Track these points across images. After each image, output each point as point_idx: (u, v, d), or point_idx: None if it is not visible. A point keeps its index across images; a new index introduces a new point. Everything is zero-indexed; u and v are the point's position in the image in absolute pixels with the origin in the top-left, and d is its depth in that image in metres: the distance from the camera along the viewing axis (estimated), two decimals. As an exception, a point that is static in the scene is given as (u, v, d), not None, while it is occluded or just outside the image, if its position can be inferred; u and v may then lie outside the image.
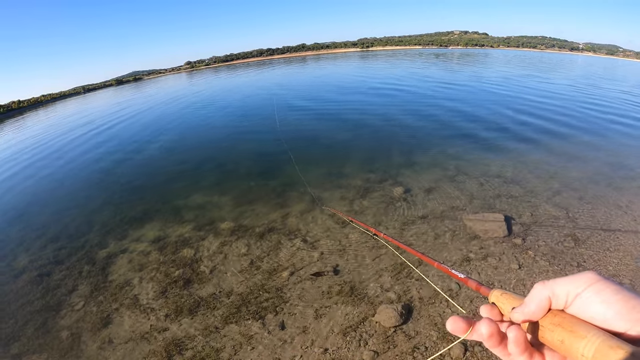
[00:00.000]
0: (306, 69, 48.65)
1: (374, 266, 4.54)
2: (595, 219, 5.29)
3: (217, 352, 3.57)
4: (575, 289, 0.40)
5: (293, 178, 7.53)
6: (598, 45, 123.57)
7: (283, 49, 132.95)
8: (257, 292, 4.33)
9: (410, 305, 3.84)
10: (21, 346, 4.05)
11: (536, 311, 0.42)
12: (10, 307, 4.76)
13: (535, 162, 7.76)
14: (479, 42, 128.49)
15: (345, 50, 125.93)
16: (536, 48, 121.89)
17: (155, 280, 4.85)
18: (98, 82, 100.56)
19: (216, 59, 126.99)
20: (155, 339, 3.86)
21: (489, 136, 9.82)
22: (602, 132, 10.12)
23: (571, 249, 4.60)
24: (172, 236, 5.95)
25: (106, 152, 12.56)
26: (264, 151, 10.20)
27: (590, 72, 35.80)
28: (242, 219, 6.20)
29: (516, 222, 5.28)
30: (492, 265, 4.36)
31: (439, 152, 8.64)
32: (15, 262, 5.87)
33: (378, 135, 10.65)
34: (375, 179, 7.25)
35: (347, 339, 3.51)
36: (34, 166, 12.26)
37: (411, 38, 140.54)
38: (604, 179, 6.68)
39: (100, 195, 8.36)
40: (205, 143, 11.96)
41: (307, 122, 13.05)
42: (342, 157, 8.92)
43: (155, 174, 9.48)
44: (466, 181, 6.83)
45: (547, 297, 0.42)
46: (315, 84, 26.40)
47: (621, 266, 4.23)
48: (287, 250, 5.13)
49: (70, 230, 6.77)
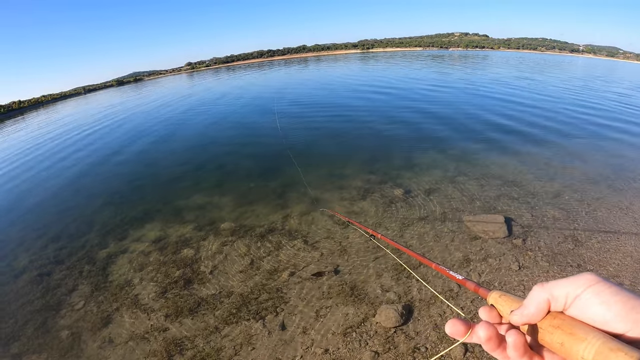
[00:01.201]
0: (308, 70, 48.70)
1: (374, 267, 4.54)
2: (596, 221, 5.29)
3: (218, 352, 3.56)
4: (574, 291, 0.39)
5: (293, 179, 7.53)
6: (598, 47, 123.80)
7: (283, 50, 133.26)
8: (257, 292, 4.33)
9: (410, 305, 3.84)
10: (21, 346, 4.05)
11: (535, 313, 0.42)
12: (10, 307, 4.76)
13: (536, 163, 7.76)
14: (480, 44, 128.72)
15: (346, 51, 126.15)
16: (536, 50, 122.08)
17: (155, 280, 4.85)
18: (99, 83, 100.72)
19: (217, 60, 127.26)
20: (155, 339, 3.86)
21: (489, 137, 9.83)
22: (603, 133, 10.13)
23: (571, 250, 4.60)
24: (172, 236, 5.95)
25: (107, 152, 12.57)
26: (264, 152, 10.21)
27: (589, 74, 35.86)
28: (243, 219, 6.21)
29: (516, 223, 5.28)
30: (492, 267, 4.36)
31: (439, 153, 8.65)
32: (16, 262, 5.87)
33: (379, 136, 10.66)
34: (376, 180, 7.25)
35: (347, 340, 3.50)
36: (35, 166, 12.28)
37: (412, 40, 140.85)
38: (604, 181, 6.69)
39: (100, 195, 8.36)
40: (206, 144, 11.96)
41: (308, 123, 13.06)
42: (342, 158, 8.93)
43: (156, 174, 9.49)
44: (466, 182, 6.83)
45: (546, 299, 0.41)
46: (317, 84, 26.43)
47: (622, 267, 4.23)
48: (287, 250, 5.13)
49: (71, 230, 6.78)
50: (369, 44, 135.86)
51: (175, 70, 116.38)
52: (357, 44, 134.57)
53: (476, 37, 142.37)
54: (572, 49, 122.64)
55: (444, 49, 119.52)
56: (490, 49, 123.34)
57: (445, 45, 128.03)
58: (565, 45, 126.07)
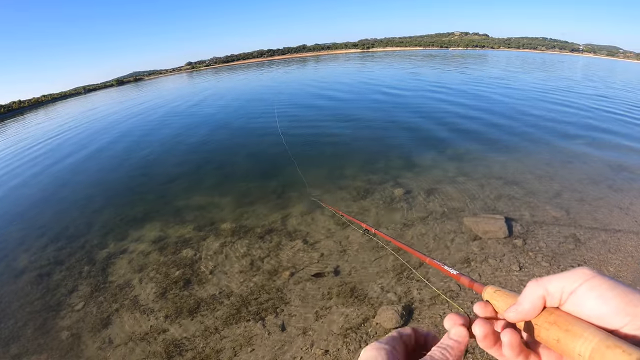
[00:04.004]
0: (306, 69, 48.69)
1: (374, 267, 4.53)
2: (596, 220, 5.27)
3: (217, 353, 3.56)
4: (569, 286, 0.38)
5: (293, 179, 7.52)
6: (598, 46, 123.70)
7: (284, 49, 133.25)
8: (257, 293, 4.32)
9: (410, 306, 3.83)
10: (21, 346, 4.05)
11: (530, 310, 0.41)
12: (10, 307, 4.75)
13: (536, 163, 7.75)
14: (480, 44, 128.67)
15: (346, 51, 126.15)
16: (537, 49, 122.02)
17: (155, 281, 4.84)
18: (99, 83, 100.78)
19: (217, 59, 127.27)
20: (155, 339, 3.85)
21: (490, 138, 9.82)
22: (603, 133, 10.11)
23: (572, 250, 4.59)
24: (172, 237, 5.94)
25: (107, 152, 12.57)
26: (265, 152, 10.20)
27: (591, 73, 35.82)
28: (243, 219, 6.20)
29: (517, 223, 5.27)
30: (492, 267, 4.35)
31: (440, 154, 8.63)
32: (16, 262, 5.86)
33: (379, 137, 10.64)
34: (376, 180, 7.24)
35: (347, 340, 3.50)
36: (35, 166, 12.27)
37: (412, 39, 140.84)
38: (604, 180, 6.67)
39: (100, 195, 8.36)
40: (206, 144, 11.95)
41: (308, 124, 13.05)
42: (343, 158, 8.92)
43: (156, 174, 9.48)
44: (466, 182, 6.82)
45: (541, 295, 0.40)
46: (318, 85, 26.41)
47: (622, 267, 4.22)
48: (287, 251, 5.12)
49: (71, 230, 6.77)
50: (369, 43, 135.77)
51: (175, 70, 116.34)
52: (357, 43, 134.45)
53: (476, 36, 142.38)
54: (572, 49, 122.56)
55: (444, 49, 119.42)
56: (491, 48, 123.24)
57: (445, 44, 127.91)
58: (565, 44, 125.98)
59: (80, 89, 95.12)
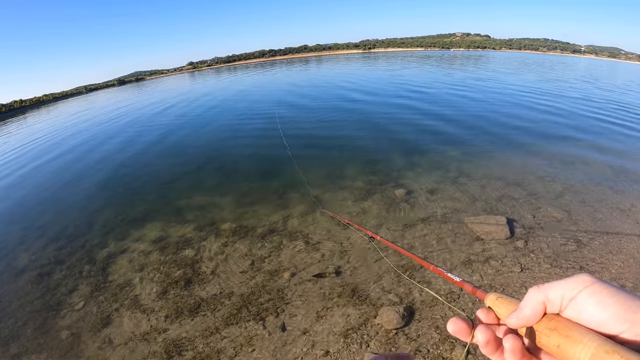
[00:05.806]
0: (309, 70, 48.72)
1: (375, 268, 4.52)
2: (598, 222, 5.26)
3: (218, 354, 3.55)
4: (570, 292, 0.39)
5: (294, 179, 7.51)
6: (600, 47, 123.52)
7: (285, 50, 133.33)
8: (258, 293, 4.32)
9: (412, 307, 3.82)
10: (21, 346, 4.04)
11: (531, 316, 0.42)
12: (10, 307, 4.75)
13: (537, 164, 7.73)
14: (481, 45, 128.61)
15: (348, 52, 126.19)
16: (538, 50, 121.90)
17: (155, 281, 4.84)
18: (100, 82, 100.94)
19: (218, 59, 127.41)
20: (155, 339, 3.84)
21: (490, 139, 9.80)
22: (604, 134, 10.09)
23: (574, 251, 4.57)
24: (173, 236, 5.94)
25: (107, 153, 12.58)
26: (265, 152, 10.19)
27: (594, 74, 35.77)
28: (244, 219, 6.19)
29: (518, 224, 5.25)
30: (494, 268, 4.34)
31: (440, 154, 8.62)
32: (16, 262, 5.86)
33: (379, 137, 10.63)
34: (377, 181, 7.23)
35: (348, 341, 3.49)
36: (36, 166, 12.29)
37: (413, 40, 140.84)
38: (606, 182, 6.65)
39: (101, 195, 8.36)
40: (207, 144, 11.95)
41: (308, 124, 13.05)
42: (343, 158, 8.91)
43: (157, 174, 9.48)
44: (468, 183, 6.81)
45: (542, 301, 0.41)
46: (319, 85, 26.41)
47: (624, 269, 4.20)
48: (288, 251, 5.11)
49: (71, 230, 6.77)
50: (371, 44, 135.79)
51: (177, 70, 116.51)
52: (358, 44, 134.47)
53: (478, 37, 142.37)
54: (573, 50, 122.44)
55: (445, 49, 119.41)
56: (492, 49, 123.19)
57: (447, 45, 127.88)
58: (567, 45, 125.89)
59: (81, 88, 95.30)
